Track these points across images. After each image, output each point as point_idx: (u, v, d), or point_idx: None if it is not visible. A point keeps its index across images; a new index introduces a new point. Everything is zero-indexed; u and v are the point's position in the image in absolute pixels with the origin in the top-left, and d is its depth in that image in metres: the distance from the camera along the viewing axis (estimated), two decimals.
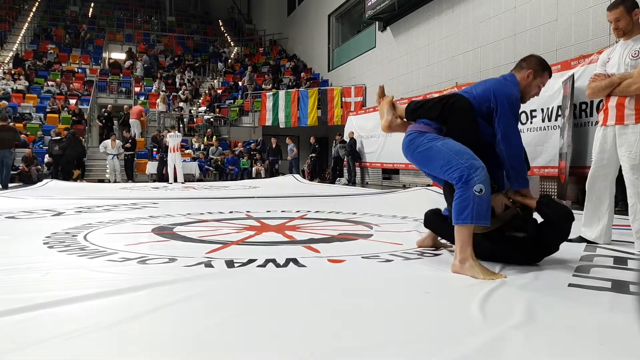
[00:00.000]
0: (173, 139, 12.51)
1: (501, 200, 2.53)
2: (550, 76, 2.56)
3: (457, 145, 2.39)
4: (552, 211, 2.46)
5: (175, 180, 12.44)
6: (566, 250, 2.69)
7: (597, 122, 6.89)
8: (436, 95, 10.15)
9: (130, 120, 15.68)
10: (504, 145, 2.42)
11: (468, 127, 2.46)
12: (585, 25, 7.94)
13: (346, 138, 13.76)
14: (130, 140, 13.96)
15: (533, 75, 2.50)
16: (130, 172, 13.98)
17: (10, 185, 10.19)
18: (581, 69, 6.91)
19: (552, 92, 7.41)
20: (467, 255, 2.28)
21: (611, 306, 1.82)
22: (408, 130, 2.62)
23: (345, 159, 13.56)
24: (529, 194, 2.54)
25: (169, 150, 12.59)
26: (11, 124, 11.60)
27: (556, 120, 7.31)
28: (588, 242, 3.14)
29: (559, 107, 7.24)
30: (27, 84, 16.91)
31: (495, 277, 2.19)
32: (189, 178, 13.66)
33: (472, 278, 2.20)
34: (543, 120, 7.59)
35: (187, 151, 15.52)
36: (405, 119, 2.75)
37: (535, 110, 7.75)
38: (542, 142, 7.58)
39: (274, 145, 15.53)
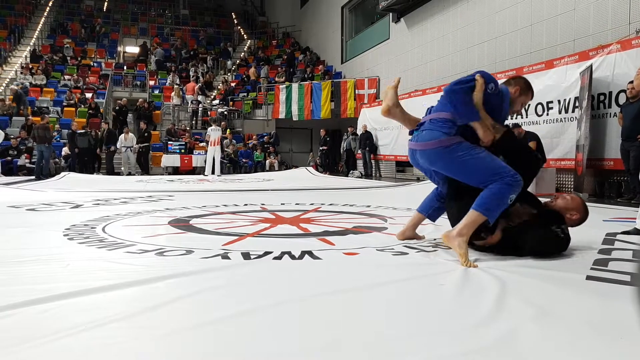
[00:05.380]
0: (214, 133, 12.94)
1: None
2: (532, 97, 2.76)
3: (496, 160, 2.52)
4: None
5: (213, 172, 12.69)
6: (584, 243, 2.67)
7: (615, 114, 6.80)
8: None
9: (186, 96, 16.96)
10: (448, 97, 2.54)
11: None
12: (604, 15, 7.78)
13: (359, 131, 13.72)
14: (144, 133, 14.01)
15: (519, 92, 2.65)
16: (146, 165, 14.07)
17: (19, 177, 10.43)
18: (600, 59, 6.79)
19: (569, 84, 7.30)
20: (466, 233, 2.43)
21: (630, 300, 1.80)
22: (443, 140, 2.55)
23: (359, 152, 13.54)
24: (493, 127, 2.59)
25: (209, 144, 13.00)
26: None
27: (573, 111, 7.21)
28: None
29: (576, 98, 7.13)
30: (44, 78, 17.13)
31: (469, 265, 2.31)
32: (200, 171, 13.79)
33: (480, 272, 2.21)
34: (560, 112, 7.49)
35: (201, 144, 15.62)
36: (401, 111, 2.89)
37: (551, 102, 7.64)
38: (559, 134, 7.48)
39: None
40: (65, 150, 13.57)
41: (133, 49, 22.17)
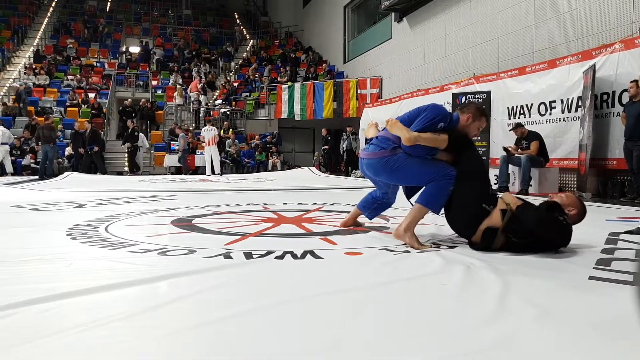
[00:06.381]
0: (208, 133, 12.94)
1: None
2: (487, 121, 3.10)
3: (428, 163, 2.90)
4: (526, 221, 2.54)
5: (213, 172, 12.77)
6: (587, 242, 2.66)
7: (618, 114, 6.79)
8: (453, 86, 10.02)
9: (190, 93, 17.32)
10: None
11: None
12: (607, 14, 7.76)
13: (362, 130, 13.71)
14: (132, 132, 13.91)
15: (472, 119, 2.93)
16: (136, 164, 13.84)
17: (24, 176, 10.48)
18: (603, 59, 6.78)
19: (571, 83, 7.29)
20: (412, 226, 2.85)
21: (632, 300, 1.79)
22: (378, 153, 2.97)
23: (357, 151, 13.56)
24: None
25: (205, 144, 13.02)
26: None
27: (576, 111, 7.19)
28: None
29: (579, 98, 7.11)
30: (47, 78, 17.19)
31: (426, 248, 2.71)
32: (203, 170, 13.84)
33: (482, 272, 2.20)
34: (563, 112, 7.48)
35: (203, 143, 15.65)
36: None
37: (554, 102, 7.63)
38: (562, 134, 7.47)
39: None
40: (68, 150, 13.61)
41: (136, 49, 22.22)
